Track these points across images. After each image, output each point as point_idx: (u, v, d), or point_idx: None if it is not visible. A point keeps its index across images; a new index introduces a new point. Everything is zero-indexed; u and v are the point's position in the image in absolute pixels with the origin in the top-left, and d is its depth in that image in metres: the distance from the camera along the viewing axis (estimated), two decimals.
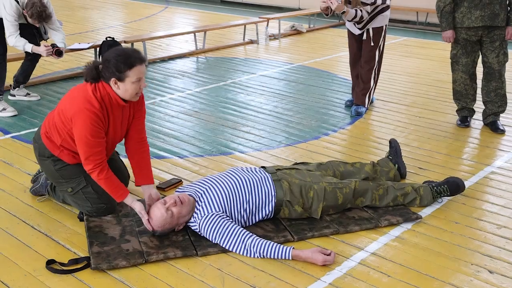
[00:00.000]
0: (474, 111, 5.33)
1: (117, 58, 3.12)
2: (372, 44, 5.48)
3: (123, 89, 3.16)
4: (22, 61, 6.06)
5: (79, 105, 3.16)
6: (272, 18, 9.93)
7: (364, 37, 5.50)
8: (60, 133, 3.33)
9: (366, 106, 5.67)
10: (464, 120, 5.27)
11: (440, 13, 5.01)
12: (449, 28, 4.99)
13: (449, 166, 4.37)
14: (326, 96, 6.30)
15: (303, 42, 9.63)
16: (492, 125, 5.21)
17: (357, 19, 5.26)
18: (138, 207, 3.22)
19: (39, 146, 3.47)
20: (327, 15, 5.36)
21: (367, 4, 5.24)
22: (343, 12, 5.22)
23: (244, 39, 9.44)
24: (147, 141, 3.59)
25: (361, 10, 5.22)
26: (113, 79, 3.14)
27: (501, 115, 5.26)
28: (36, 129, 5.01)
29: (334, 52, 8.70)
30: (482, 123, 5.36)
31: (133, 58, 3.13)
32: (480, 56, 5.13)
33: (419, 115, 5.64)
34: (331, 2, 5.14)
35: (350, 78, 6.04)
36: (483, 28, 4.92)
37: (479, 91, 5.33)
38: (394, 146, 4.08)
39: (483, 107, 5.29)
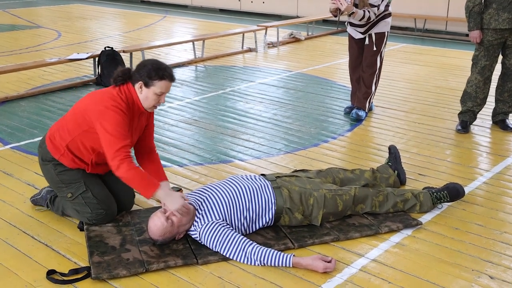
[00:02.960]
0: (475, 117, 5.35)
1: (153, 65, 3.28)
2: (374, 49, 5.52)
3: (144, 95, 3.29)
4: None
5: (106, 104, 3.21)
6: (271, 26, 9.96)
7: (367, 42, 5.54)
8: (71, 132, 3.32)
9: (366, 110, 5.71)
10: (464, 126, 5.28)
11: (468, 13, 5.03)
12: (476, 28, 5.01)
13: (449, 172, 4.38)
14: (325, 103, 6.31)
15: (302, 49, 9.65)
16: (502, 123, 5.36)
17: (365, 19, 5.31)
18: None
19: (42, 150, 3.49)
20: (335, 16, 5.40)
21: (374, 6, 5.29)
22: (352, 13, 5.26)
23: (242, 47, 9.47)
24: (155, 150, 3.67)
25: (368, 11, 5.27)
26: (140, 82, 3.27)
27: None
28: (36, 139, 5.04)
29: (332, 60, 8.72)
30: (481, 129, 5.38)
31: (166, 72, 3.28)
32: (500, 57, 5.18)
33: (418, 121, 5.65)
34: (341, 3, 5.19)
35: (349, 85, 6.06)
36: (510, 31, 4.96)
37: (488, 98, 5.34)
38: (393, 152, 4.09)
39: (490, 107, 5.36)
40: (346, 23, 5.77)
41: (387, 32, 5.54)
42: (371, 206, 3.55)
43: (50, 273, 2.97)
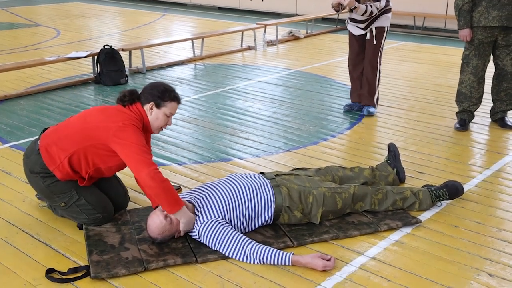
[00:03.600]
0: (473, 115, 5.35)
1: (164, 87, 3.36)
2: (375, 43, 5.56)
3: (155, 116, 3.32)
4: None
5: (124, 122, 3.18)
6: (270, 24, 9.95)
7: (368, 36, 5.57)
8: (74, 144, 3.23)
9: (375, 106, 5.79)
10: (463, 124, 5.28)
11: (458, 11, 5.02)
12: (466, 27, 5.00)
13: (448, 170, 4.37)
14: (324, 102, 6.31)
15: (301, 47, 9.65)
16: (501, 121, 5.37)
17: (367, 14, 5.34)
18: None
19: (30, 161, 3.38)
20: (337, 11, 5.42)
21: (377, 1, 5.33)
22: (354, 8, 5.29)
23: (242, 46, 9.46)
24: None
25: (371, 6, 5.29)
26: (152, 103, 3.30)
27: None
28: (34, 138, 5.03)
29: (331, 58, 8.71)
30: (480, 127, 5.38)
31: (177, 95, 3.40)
32: (492, 57, 5.17)
33: (417, 119, 5.64)
34: None
35: (349, 83, 6.06)
36: (500, 29, 4.94)
37: (484, 95, 5.34)
38: (392, 150, 4.08)
39: (489, 105, 5.41)
40: (346, 21, 5.78)
41: (387, 27, 5.58)
42: (370, 204, 3.55)
43: (49, 272, 2.97)
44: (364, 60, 5.69)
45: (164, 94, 3.31)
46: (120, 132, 3.14)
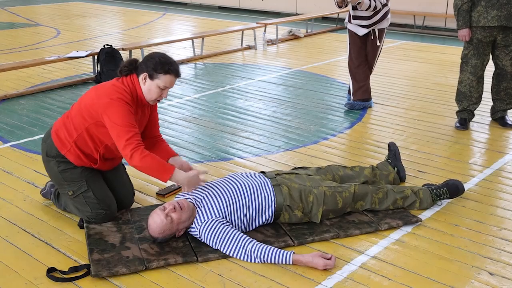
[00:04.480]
0: (473, 114, 5.35)
1: (160, 59, 3.28)
2: (378, 44, 5.72)
3: (147, 87, 3.29)
4: None
5: (111, 96, 3.20)
6: (270, 24, 9.95)
7: (372, 37, 5.63)
8: (77, 127, 3.31)
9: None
10: (463, 123, 5.28)
11: (457, 11, 5.02)
12: (465, 27, 5.00)
13: (448, 169, 4.38)
14: (324, 101, 6.31)
15: (301, 47, 9.65)
16: (501, 120, 5.38)
17: (371, 9, 5.38)
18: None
19: (47, 145, 3.45)
20: (340, 7, 5.45)
21: None
22: (358, 3, 5.32)
23: (242, 45, 9.46)
24: (162, 138, 3.70)
25: (374, 0, 5.32)
26: (145, 73, 3.27)
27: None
28: (35, 137, 5.04)
29: (332, 57, 8.72)
30: (480, 125, 5.38)
31: (172, 67, 3.29)
32: (491, 57, 5.19)
33: (417, 118, 5.65)
34: None
35: (350, 82, 6.05)
36: (499, 29, 4.93)
37: (484, 94, 5.35)
38: (393, 149, 4.09)
39: (489, 104, 5.45)
40: (345, 22, 5.81)
41: (386, 27, 5.74)
42: (371, 203, 3.55)
43: (50, 271, 2.98)
44: (367, 58, 5.80)
45: (158, 66, 3.26)
46: (107, 109, 3.18)
